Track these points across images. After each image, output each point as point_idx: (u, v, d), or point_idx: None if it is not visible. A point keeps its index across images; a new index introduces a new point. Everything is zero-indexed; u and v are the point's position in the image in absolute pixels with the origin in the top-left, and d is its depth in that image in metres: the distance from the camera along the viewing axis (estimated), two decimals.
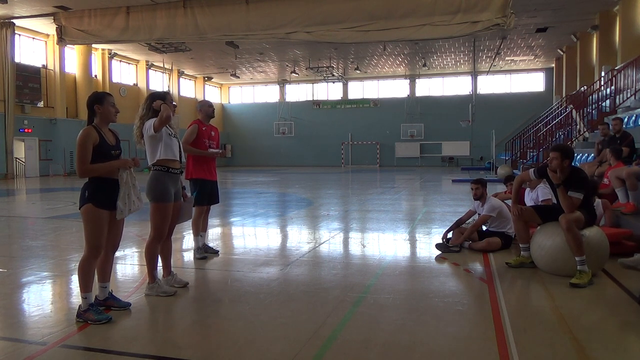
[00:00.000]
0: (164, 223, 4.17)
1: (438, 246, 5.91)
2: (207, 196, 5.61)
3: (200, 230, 5.67)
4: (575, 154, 12.43)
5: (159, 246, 4.27)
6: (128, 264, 5.69)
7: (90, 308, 3.58)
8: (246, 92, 42.46)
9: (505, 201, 6.29)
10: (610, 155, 7.15)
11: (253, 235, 7.53)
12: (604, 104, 15.32)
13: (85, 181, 3.61)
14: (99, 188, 3.56)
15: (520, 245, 5.12)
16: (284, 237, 7.52)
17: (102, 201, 3.56)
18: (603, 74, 17.68)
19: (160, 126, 4.06)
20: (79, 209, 3.60)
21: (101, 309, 3.68)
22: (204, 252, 5.66)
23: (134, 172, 3.76)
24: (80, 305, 3.61)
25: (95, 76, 28.90)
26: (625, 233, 5.63)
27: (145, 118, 4.19)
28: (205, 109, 5.61)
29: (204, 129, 5.55)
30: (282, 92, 40.49)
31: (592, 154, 10.69)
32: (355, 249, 6.48)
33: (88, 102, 3.68)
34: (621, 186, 6.58)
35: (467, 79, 35.59)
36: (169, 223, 4.24)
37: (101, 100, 3.66)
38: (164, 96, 4.28)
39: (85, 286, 3.58)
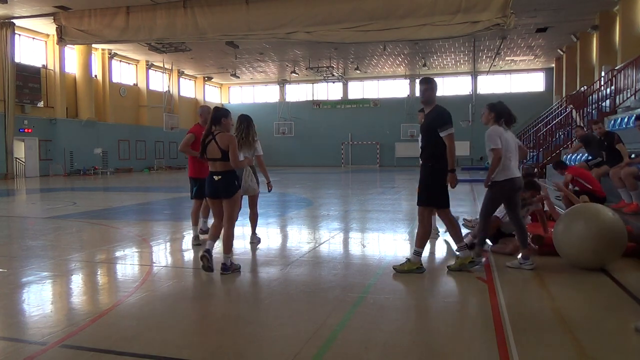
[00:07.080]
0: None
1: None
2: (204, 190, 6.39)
3: (202, 218, 6.56)
4: (575, 154, 12.42)
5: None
6: (128, 264, 5.69)
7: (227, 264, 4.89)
8: (246, 92, 42.46)
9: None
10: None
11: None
12: (604, 104, 15.33)
13: (229, 175, 4.83)
14: (237, 179, 4.97)
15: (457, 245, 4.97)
16: (284, 237, 7.53)
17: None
18: (603, 74, 17.70)
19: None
20: (230, 196, 4.86)
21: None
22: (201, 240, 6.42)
23: None
24: (224, 263, 4.82)
25: (95, 76, 28.91)
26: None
27: (251, 137, 5.98)
28: (204, 115, 6.47)
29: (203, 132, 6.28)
30: (282, 92, 40.49)
31: (593, 154, 10.66)
32: (355, 249, 6.48)
33: (218, 114, 4.85)
34: (622, 187, 6.65)
35: (467, 79, 35.60)
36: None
37: (228, 115, 4.94)
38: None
39: (230, 248, 4.92)
